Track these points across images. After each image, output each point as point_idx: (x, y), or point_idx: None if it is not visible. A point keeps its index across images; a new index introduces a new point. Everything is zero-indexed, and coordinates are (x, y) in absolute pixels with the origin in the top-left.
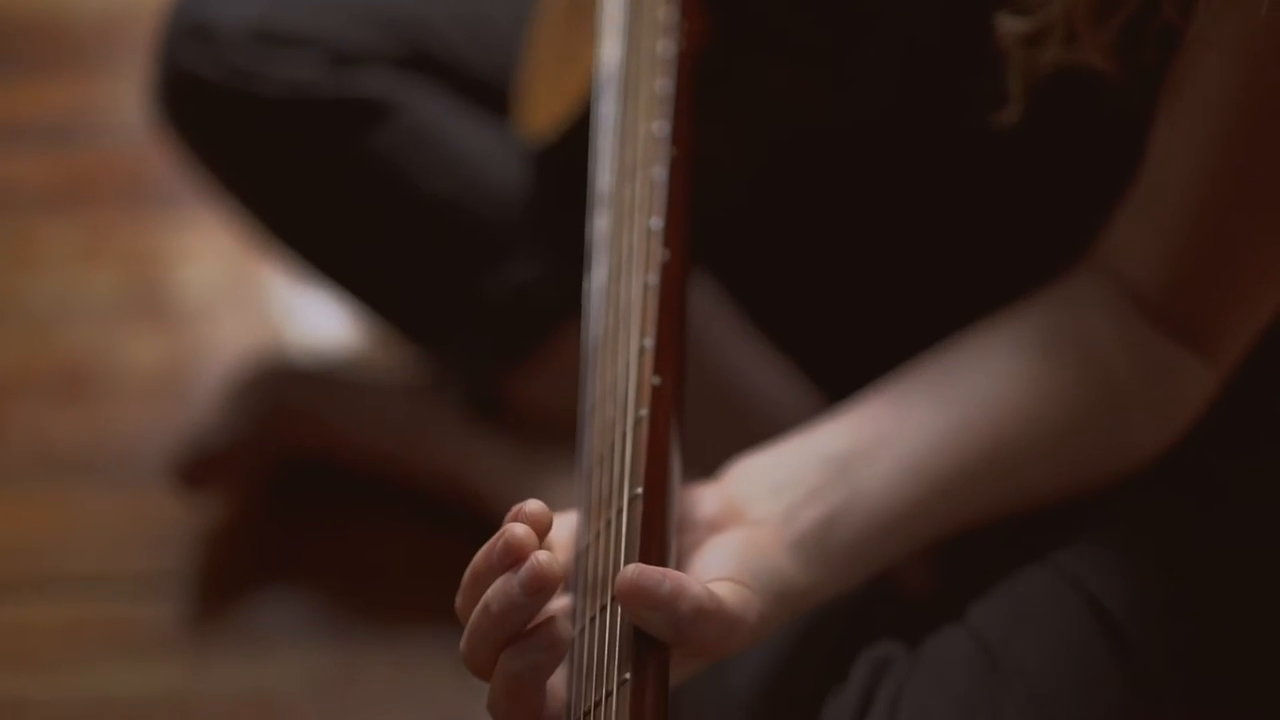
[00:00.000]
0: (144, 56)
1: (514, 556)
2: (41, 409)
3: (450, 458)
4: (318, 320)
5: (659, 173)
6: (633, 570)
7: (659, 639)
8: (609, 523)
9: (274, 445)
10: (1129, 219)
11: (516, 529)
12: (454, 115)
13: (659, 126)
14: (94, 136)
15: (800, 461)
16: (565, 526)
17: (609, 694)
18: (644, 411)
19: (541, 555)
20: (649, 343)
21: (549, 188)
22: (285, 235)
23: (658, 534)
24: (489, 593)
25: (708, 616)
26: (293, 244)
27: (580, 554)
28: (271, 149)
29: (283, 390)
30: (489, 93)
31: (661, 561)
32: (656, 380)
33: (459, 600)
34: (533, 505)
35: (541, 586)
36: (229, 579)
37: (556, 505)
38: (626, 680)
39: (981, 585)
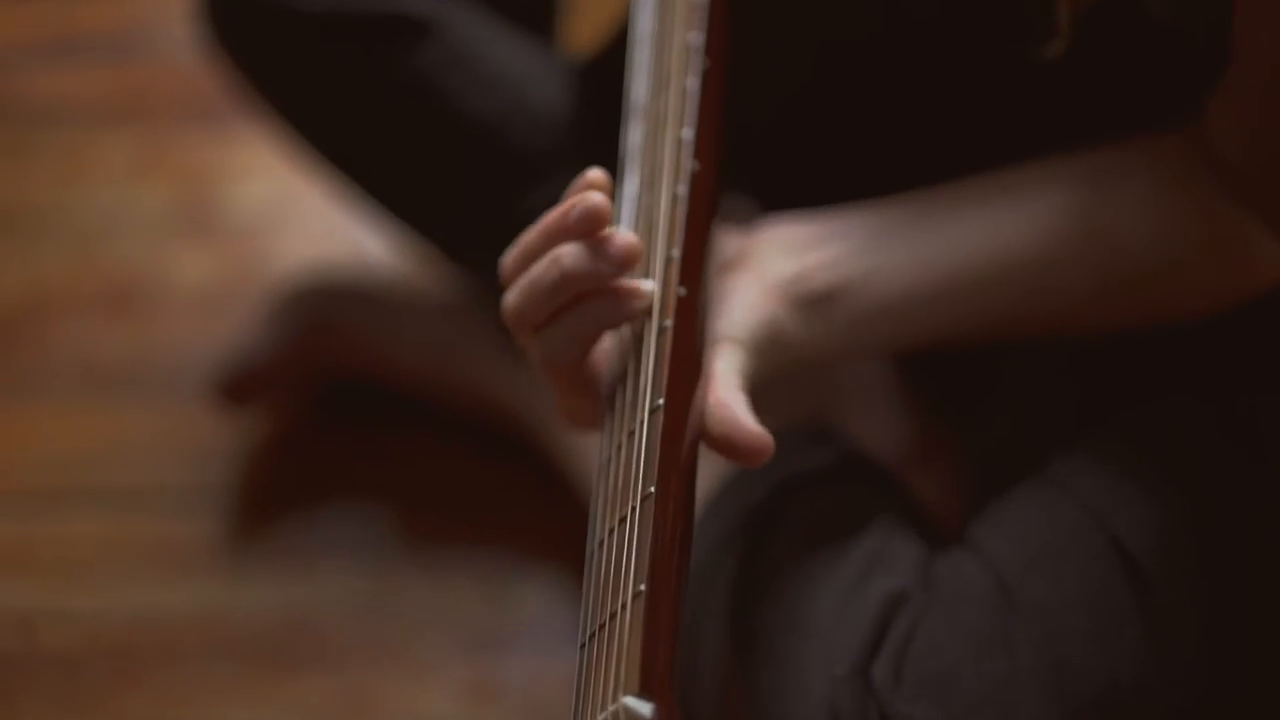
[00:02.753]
0: None
1: (593, 224)
2: (89, 324)
3: (489, 379)
4: (364, 239)
5: (692, 84)
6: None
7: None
8: (631, 433)
9: (315, 364)
10: (1221, 94)
11: (596, 197)
12: (497, 35)
13: (694, 37)
14: (149, 51)
15: (824, 233)
16: None
17: (632, 598)
18: (669, 322)
19: (628, 234)
20: (676, 253)
21: (591, 104)
22: (327, 153)
23: (678, 444)
24: (564, 250)
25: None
26: (334, 162)
27: (601, 466)
28: (313, 65)
29: (324, 309)
30: (534, 12)
31: (683, 474)
32: (682, 291)
33: (513, 254)
34: (597, 175)
35: (629, 262)
36: (269, 497)
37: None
38: (642, 591)
39: (1005, 516)
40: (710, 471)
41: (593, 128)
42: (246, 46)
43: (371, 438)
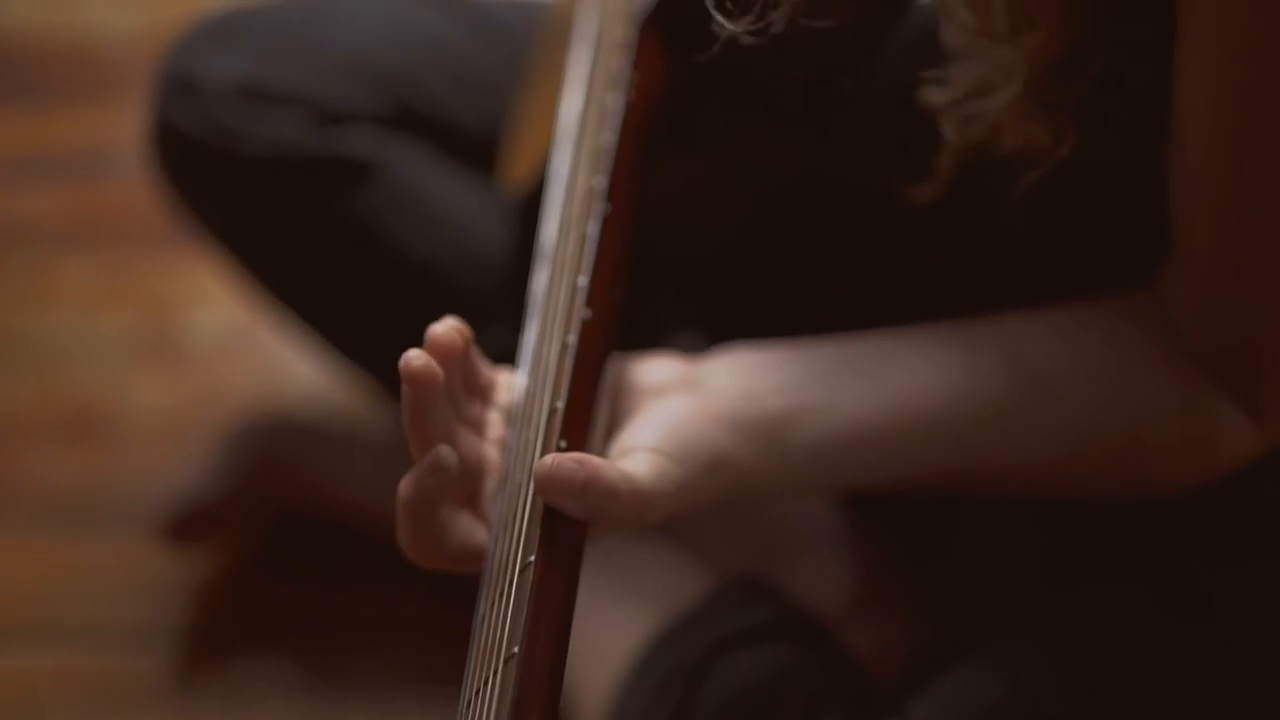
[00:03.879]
0: None
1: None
2: (47, 452)
3: None
4: (317, 372)
5: (592, 229)
6: (550, 460)
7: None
8: (501, 593)
9: (266, 500)
10: (1171, 269)
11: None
12: (440, 175)
13: (598, 181)
14: (114, 171)
15: (781, 359)
16: None
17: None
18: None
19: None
20: (560, 404)
21: (529, 243)
22: (271, 290)
23: (548, 604)
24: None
25: (621, 500)
26: (279, 299)
27: (478, 621)
28: (255, 206)
29: (275, 445)
30: (480, 149)
31: (552, 632)
32: (563, 444)
33: None
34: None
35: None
36: (219, 634)
37: None
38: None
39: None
40: (649, 620)
41: (527, 269)
42: (192, 185)
43: (321, 575)
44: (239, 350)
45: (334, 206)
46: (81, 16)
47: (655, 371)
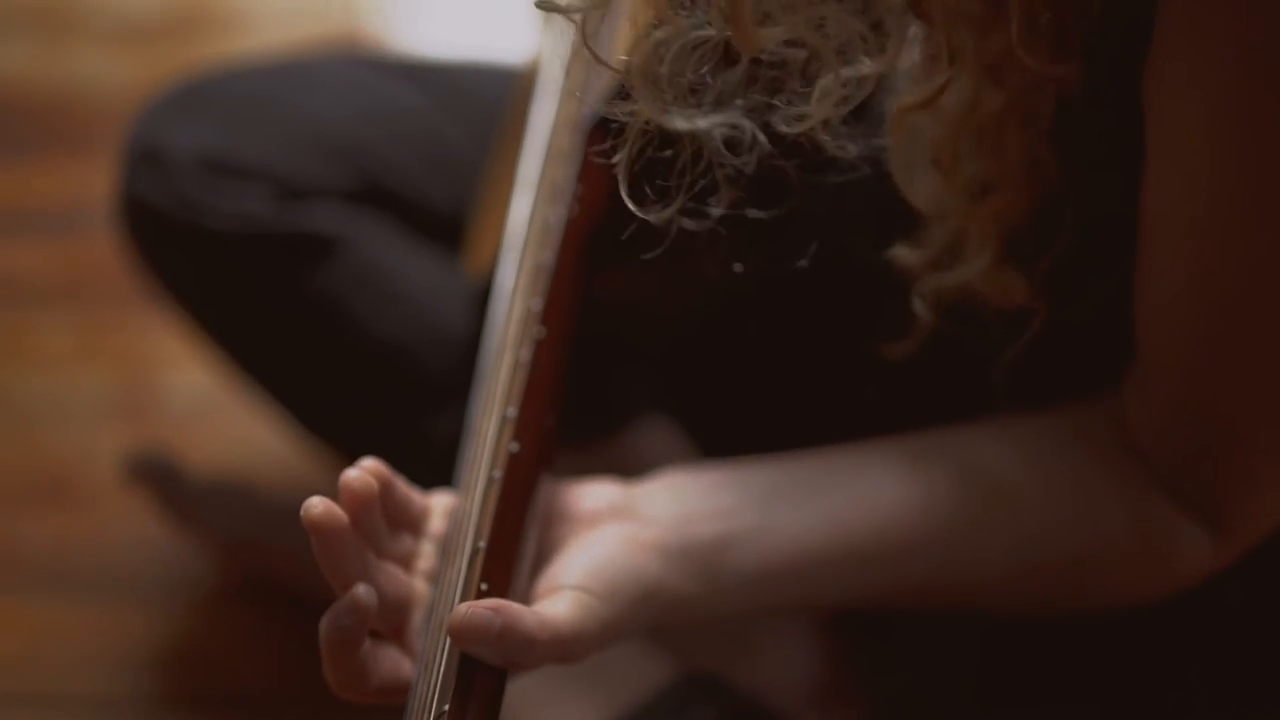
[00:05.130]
0: None
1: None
2: (18, 513)
3: None
4: (289, 440)
5: (524, 355)
6: (465, 609)
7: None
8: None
9: (233, 574)
10: (1132, 380)
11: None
12: (404, 252)
13: (534, 303)
14: (98, 225)
15: (719, 482)
16: None
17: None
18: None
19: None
20: (482, 544)
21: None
22: (233, 360)
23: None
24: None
25: (539, 647)
26: (240, 369)
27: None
28: (219, 279)
29: (244, 519)
30: (446, 224)
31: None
32: (484, 586)
33: None
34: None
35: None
36: (187, 703)
37: None
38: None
39: None
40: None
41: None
42: (158, 255)
43: (290, 647)
44: (213, 414)
45: (297, 281)
46: (73, 67)
47: (590, 497)
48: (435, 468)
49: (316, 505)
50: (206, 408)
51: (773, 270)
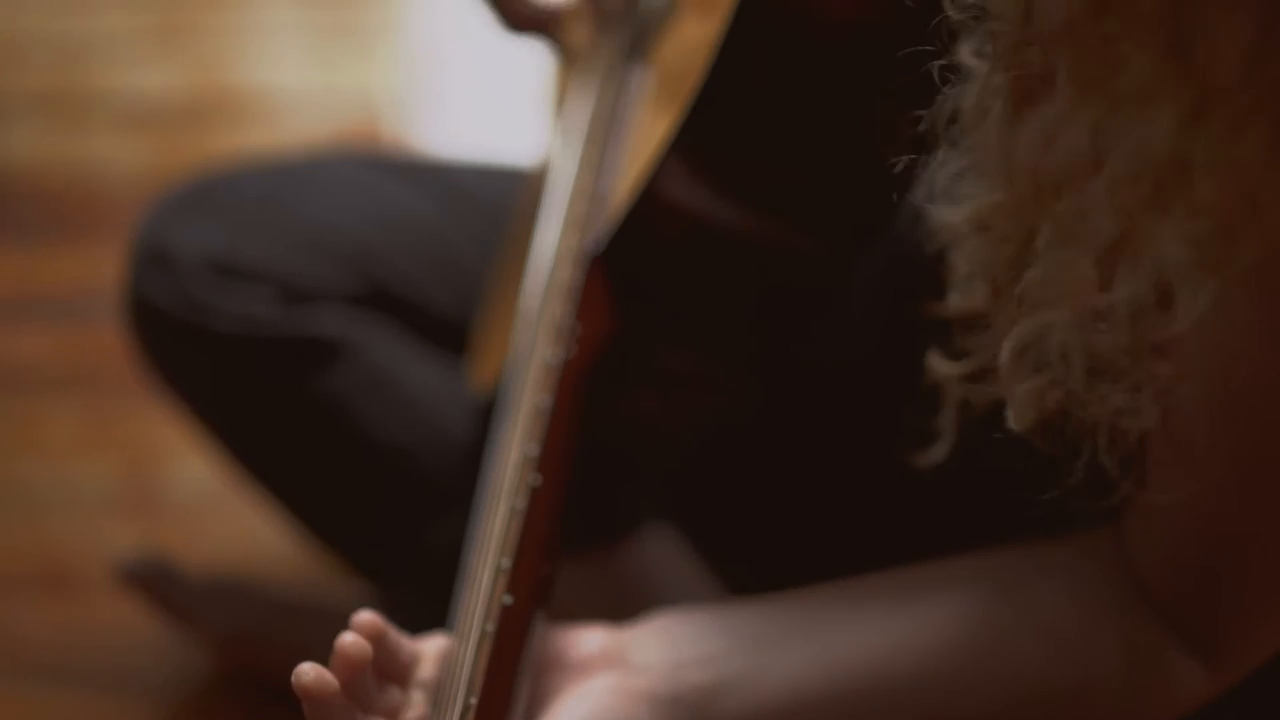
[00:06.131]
0: None
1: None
2: (22, 603)
3: None
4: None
5: (520, 504)
6: None
7: None
8: None
9: (234, 668)
10: (1135, 518)
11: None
12: (408, 357)
13: (530, 449)
14: (105, 315)
15: (709, 626)
16: None
17: None
18: None
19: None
20: (474, 700)
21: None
22: (236, 460)
23: None
24: None
25: None
26: (243, 469)
27: None
28: (224, 380)
29: (244, 615)
30: (450, 329)
31: None
32: None
33: None
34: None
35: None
36: None
37: None
38: None
39: None
40: None
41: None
42: (163, 354)
43: None
44: (216, 506)
45: (301, 384)
46: (86, 153)
47: (582, 644)
48: (435, 572)
49: (308, 673)
50: (210, 499)
51: (788, 383)
